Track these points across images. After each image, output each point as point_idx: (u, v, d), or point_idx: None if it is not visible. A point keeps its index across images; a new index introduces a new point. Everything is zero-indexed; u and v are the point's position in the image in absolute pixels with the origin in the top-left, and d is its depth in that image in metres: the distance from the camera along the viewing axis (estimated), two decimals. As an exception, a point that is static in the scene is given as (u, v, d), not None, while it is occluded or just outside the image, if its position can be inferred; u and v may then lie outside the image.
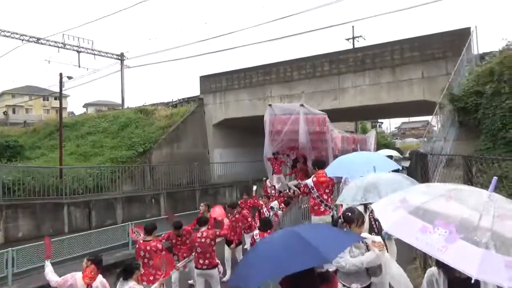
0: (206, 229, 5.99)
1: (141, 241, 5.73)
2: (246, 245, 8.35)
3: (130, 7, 58.96)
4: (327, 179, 6.57)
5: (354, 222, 3.42)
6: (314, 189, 6.59)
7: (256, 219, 9.00)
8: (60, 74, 14.81)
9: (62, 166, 13.29)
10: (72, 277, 4.13)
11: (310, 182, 6.69)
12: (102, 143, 16.55)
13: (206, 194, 15.98)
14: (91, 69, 26.41)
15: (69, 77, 17.92)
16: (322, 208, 6.61)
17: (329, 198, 6.70)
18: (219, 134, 18.81)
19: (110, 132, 17.42)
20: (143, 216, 12.85)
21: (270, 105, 11.29)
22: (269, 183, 10.94)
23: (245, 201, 9.28)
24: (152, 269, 5.45)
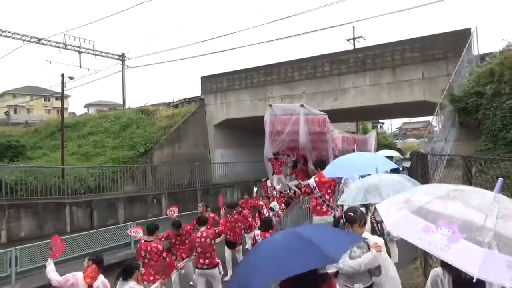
0: (206, 228, 5.99)
1: (143, 241, 5.75)
2: (247, 245, 8.37)
3: (131, 7, 58.99)
4: (329, 179, 6.57)
5: (357, 222, 3.43)
6: (317, 189, 6.60)
7: (257, 219, 9.03)
8: (62, 74, 14.88)
9: (64, 166, 13.33)
10: (73, 277, 4.12)
11: (312, 182, 6.68)
12: (104, 143, 16.60)
13: (207, 194, 16.01)
14: (92, 69, 26.52)
15: (71, 78, 17.92)
16: (324, 208, 6.63)
17: (331, 198, 6.72)
18: (220, 134, 18.84)
19: (111, 132, 17.47)
20: (145, 216, 12.89)
21: (271, 105, 11.30)
22: (269, 183, 10.97)
23: (246, 201, 9.31)
24: (152, 269, 5.47)
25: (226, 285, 6.35)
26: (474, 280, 1.63)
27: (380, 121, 56.86)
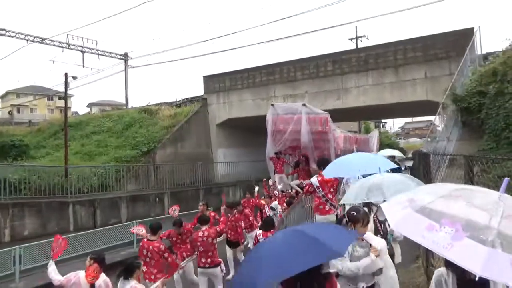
0: (207, 228, 6.00)
1: (145, 239, 5.77)
2: (250, 244, 8.38)
3: (134, 7, 59.10)
4: (332, 178, 6.58)
5: (360, 221, 3.42)
6: (320, 188, 6.60)
7: (258, 219, 9.04)
8: (65, 74, 14.93)
9: (67, 165, 13.38)
10: (75, 276, 4.12)
11: (315, 181, 6.67)
12: (107, 142, 16.65)
13: (210, 194, 16.03)
14: (95, 69, 26.46)
15: (74, 77, 18.06)
16: (327, 207, 6.64)
17: (334, 198, 6.73)
18: (222, 133, 18.86)
19: (114, 131, 17.51)
20: (147, 215, 12.92)
21: (273, 104, 11.32)
22: (270, 181, 10.98)
23: (248, 200, 9.31)
24: (153, 268, 5.48)
25: (228, 284, 6.37)
26: (477, 279, 1.62)
27: (382, 120, 56.72)
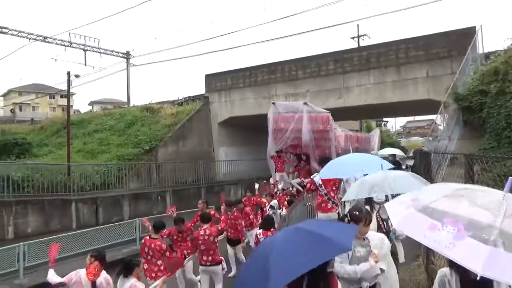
0: (209, 226, 6.01)
1: (148, 237, 5.82)
2: (251, 242, 8.40)
3: (136, 6, 59.11)
4: (332, 177, 6.58)
5: (362, 221, 3.40)
6: (322, 186, 6.61)
7: (259, 217, 9.07)
8: (68, 72, 14.98)
9: (70, 163, 13.45)
10: (76, 274, 4.12)
11: (318, 179, 6.66)
12: (109, 140, 16.71)
13: (212, 192, 16.07)
14: (97, 67, 26.60)
15: (77, 76, 18.05)
16: (329, 205, 6.67)
17: (336, 196, 6.77)
18: (224, 132, 18.90)
19: (116, 130, 17.57)
20: (150, 213, 12.96)
21: (274, 103, 11.33)
22: (271, 180, 10.99)
23: (249, 199, 9.34)
24: (154, 266, 5.52)
25: (229, 282, 6.41)
26: (478, 278, 1.62)
27: (384, 119, 56.58)
